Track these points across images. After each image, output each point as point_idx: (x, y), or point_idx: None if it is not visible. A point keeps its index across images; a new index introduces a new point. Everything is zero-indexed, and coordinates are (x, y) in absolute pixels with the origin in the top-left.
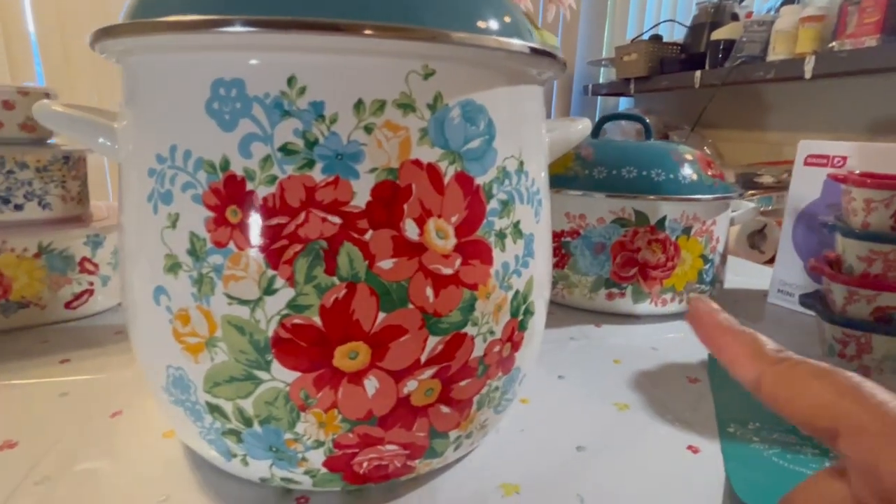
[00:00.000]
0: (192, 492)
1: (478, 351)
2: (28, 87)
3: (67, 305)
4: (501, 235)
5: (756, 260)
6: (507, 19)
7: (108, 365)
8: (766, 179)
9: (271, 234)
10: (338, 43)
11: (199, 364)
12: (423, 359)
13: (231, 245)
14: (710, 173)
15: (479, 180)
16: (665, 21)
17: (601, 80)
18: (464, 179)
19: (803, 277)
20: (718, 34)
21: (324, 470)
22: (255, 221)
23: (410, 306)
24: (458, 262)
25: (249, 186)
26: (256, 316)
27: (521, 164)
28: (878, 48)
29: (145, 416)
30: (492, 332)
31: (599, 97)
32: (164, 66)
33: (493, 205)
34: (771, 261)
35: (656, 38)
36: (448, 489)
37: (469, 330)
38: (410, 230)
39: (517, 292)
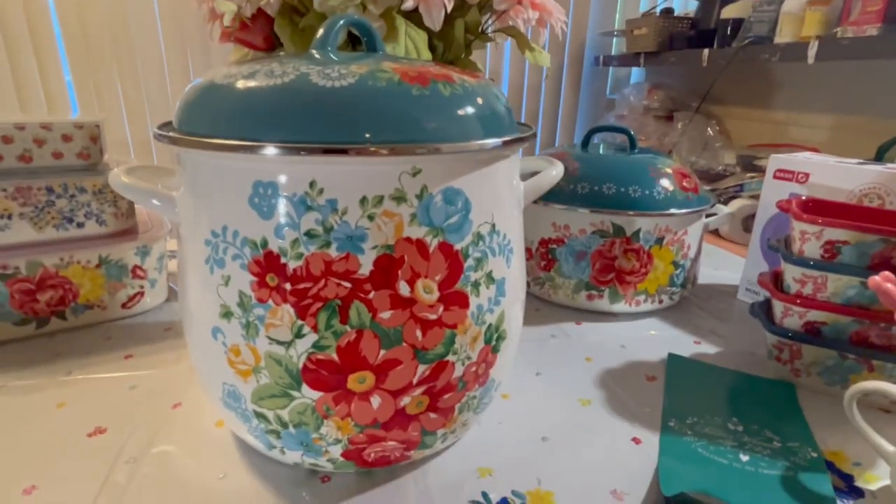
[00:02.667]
0: (243, 470)
1: (458, 372)
2: (82, 121)
3: (123, 306)
4: (476, 285)
5: (748, 242)
6: (486, 112)
7: (163, 361)
8: (766, 163)
9: (300, 294)
10: (351, 159)
11: (248, 384)
12: (414, 381)
13: (270, 301)
14: (685, 185)
15: (458, 246)
16: None
17: (613, 52)
18: (445, 247)
19: None
20: (728, 12)
21: (341, 459)
22: (288, 285)
23: (404, 344)
24: (441, 309)
25: (283, 260)
26: (290, 353)
27: (493, 226)
28: (879, 37)
29: (199, 409)
30: (469, 358)
31: (611, 67)
32: (214, 166)
33: (469, 263)
34: None
35: (668, 12)
36: (437, 471)
37: (450, 358)
38: (403, 289)
39: (490, 325)
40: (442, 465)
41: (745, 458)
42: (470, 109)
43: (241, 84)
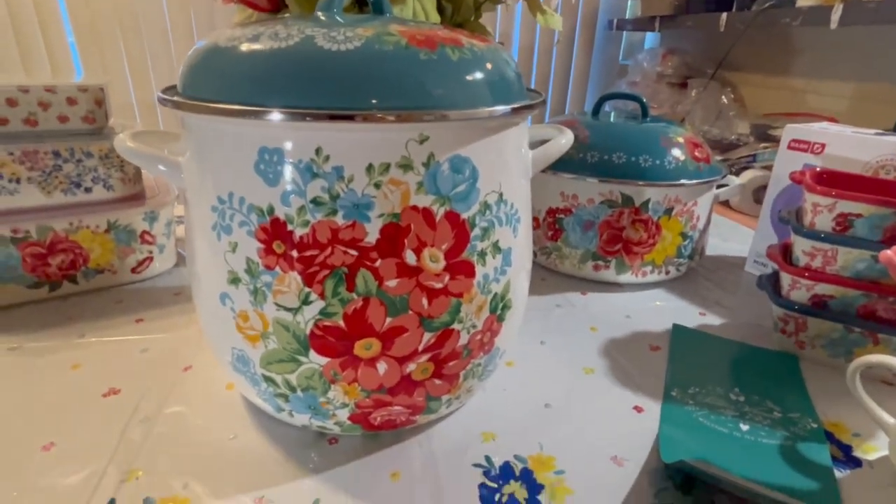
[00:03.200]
0: (253, 431)
1: (463, 340)
2: (86, 85)
3: (133, 270)
4: (482, 254)
5: (758, 214)
6: (495, 78)
7: (173, 325)
8: (781, 133)
9: (306, 262)
10: (358, 126)
11: (256, 349)
12: (420, 348)
13: (277, 268)
14: (696, 155)
15: (465, 215)
16: None
17: (627, 15)
18: (452, 216)
19: None
20: None
21: (348, 422)
22: (295, 252)
23: (410, 312)
24: (447, 278)
25: (290, 227)
26: (297, 319)
27: (501, 195)
28: None
29: (209, 372)
30: (474, 326)
31: (625, 32)
32: (219, 132)
33: (475, 232)
34: None
35: None
36: (441, 435)
37: (456, 326)
38: (410, 258)
39: (496, 294)
40: (446, 430)
41: (745, 427)
42: (478, 75)
43: (245, 47)
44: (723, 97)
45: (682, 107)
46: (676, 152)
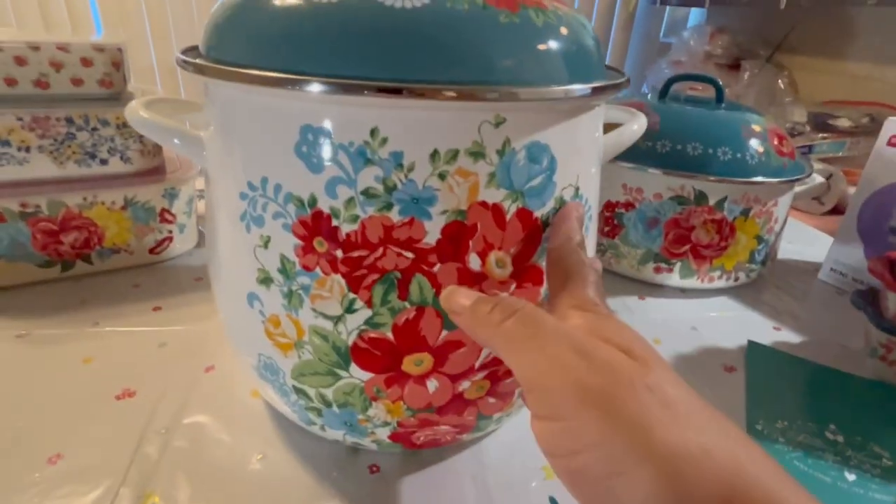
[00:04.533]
0: (283, 451)
1: None
2: (103, 44)
3: (151, 251)
4: None
5: (815, 211)
6: (578, 49)
7: (194, 315)
8: (843, 123)
9: (353, 264)
10: (419, 103)
11: (288, 358)
12: (476, 365)
13: (318, 270)
14: (781, 149)
15: (538, 213)
16: None
17: None
18: (524, 214)
19: (859, 260)
20: None
21: (388, 441)
22: (340, 252)
23: None
24: (513, 286)
25: (335, 223)
26: (338, 329)
27: (577, 189)
28: None
29: (233, 374)
30: None
31: (668, 7)
32: (252, 104)
33: (548, 233)
34: (831, 212)
35: None
36: (491, 454)
37: None
38: (474, 262)
39: None
40: (497, 447)
41: (851, 477)
42: (564, 46)
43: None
44: (779, 81)
45: (732, 90)
46: (759, 145)
